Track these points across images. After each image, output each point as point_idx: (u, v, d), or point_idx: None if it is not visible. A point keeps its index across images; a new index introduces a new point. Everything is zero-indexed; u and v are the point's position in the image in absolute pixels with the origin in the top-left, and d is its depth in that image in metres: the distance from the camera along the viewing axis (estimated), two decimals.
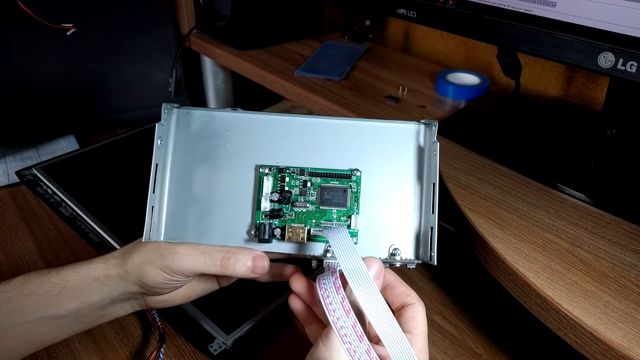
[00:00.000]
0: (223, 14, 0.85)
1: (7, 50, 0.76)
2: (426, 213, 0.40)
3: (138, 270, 0.39)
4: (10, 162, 0.75)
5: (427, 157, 0.40)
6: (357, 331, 0.31)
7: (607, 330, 0.34)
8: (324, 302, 0.33)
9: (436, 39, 0.89)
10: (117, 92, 0.86)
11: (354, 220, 0.40)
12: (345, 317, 0.32)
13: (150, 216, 0.39)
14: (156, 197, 0.40)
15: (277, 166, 0.41)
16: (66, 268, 0.41)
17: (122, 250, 0.42)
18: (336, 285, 0.33)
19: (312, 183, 0.41)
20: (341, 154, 0.41)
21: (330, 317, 0.32)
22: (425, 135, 0.41)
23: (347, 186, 0.40)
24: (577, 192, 0.48)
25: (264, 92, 0.85)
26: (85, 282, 0.40)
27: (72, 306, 0.40)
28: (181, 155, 0.41)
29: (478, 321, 0.51)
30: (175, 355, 0.46)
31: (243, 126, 0.42)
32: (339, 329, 0.31)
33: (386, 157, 0.41)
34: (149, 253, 0.39)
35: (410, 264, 0.40)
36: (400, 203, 0.40)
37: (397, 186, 0.40)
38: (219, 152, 0.41)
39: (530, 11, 0.49)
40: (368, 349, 0.31)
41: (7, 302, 0.39)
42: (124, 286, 0.40)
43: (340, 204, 0.40)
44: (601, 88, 0.70)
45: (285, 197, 0.40)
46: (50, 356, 0.45)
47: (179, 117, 0.42)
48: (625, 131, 0.54)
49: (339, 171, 0.41)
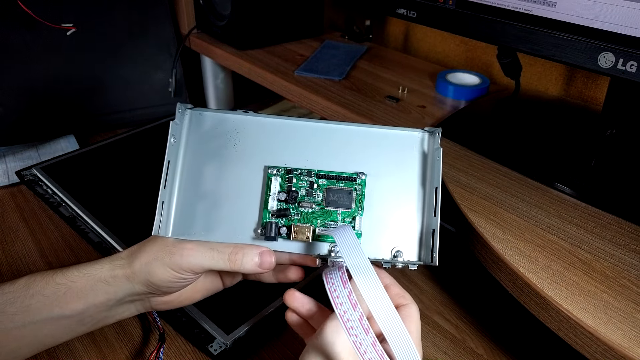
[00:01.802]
0: (223, 14, 0.85)
1: (7, 50, 0.76)
2: (428, 216, 0.40)
3: (146, 270, 0.39)
4: (10, 162, 0.75)
5: (431, 162, 0.42)
6: (364, 324, 0.32)
7: (607, 330, 0.34)
8: (331, 295, 0.33)
9: (436, 39, 0.89)
10: (117, 92, 0.86)
11: (358, 221, 0.41)
12: (352, 311, 0.32)
13: (160, 211, 0.40)
14: (167, 193, 0.40)
15: (285, 167, 0.42)
16: (71, 269, 0.41)
17: (128, 251, 0.42)
18: (343, 280, 0.34)
19: (318, 184, 0.42)
20: (347, 158, 0.42)
21: (337, 310, 0.33)
22: (429, 142, 0.42)
23: (352, 188, 0.41)
24: (577, 192, 0.48)
25: (264, 92, 0.85)
26: (91, 282, 0.40)
27: (78, 307, 0.40)
28: (192, 154, 0.42)
29: (478, 321, 0.51)
30: (175, 355, 0.46)
31: (253, 129, 0.43)
32: (345, 321, 0.32)
33: (391, 162, 0.42)
34: (156, 252, 0.40)
35: (412, 265, 0.40)
36: (403, 206, 0.41)
37: (401, 190, 0.41)
38: (229, 152, 0.42)
39: (530, 11, 0.49)
40: (374, 341, 0.32)
41: (12, 302, 0.39)
42: (131, 287, 0.40)
43: (345, 205, 0.41)
44: (601, 88, 0.70)
45: (292, 197, 0.41)
46: (51, 356, 0.45)
47: (192, 118, 0.43)
48: (625, 131, 0.54)
49: (344, 174, 0.42)
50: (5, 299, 0.39)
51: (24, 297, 0.39)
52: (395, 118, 0.64)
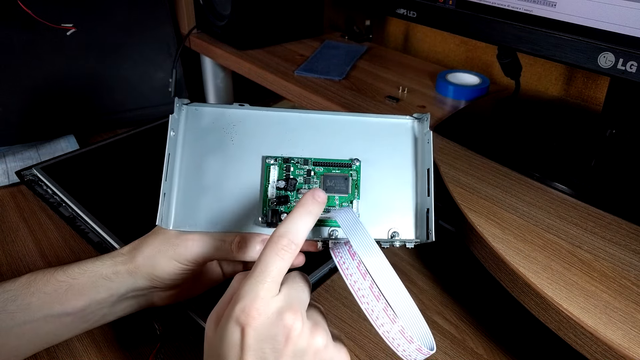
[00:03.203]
0: (223, 14, 0.85)
1: (7, 50, 0.76)
2: (422, 196, 0.42)
3: (149, 264, 0.40)
4: (10, 162, 0.75)
5: (421, 145, 0.43)
6: (374, 292, 0.33)
7: (607, 330, 0.34)
8: (341, 267, 0.35)
9: (436, 39, 0.89)
10: (117, 92, 0.86)
11: (355, 205, 0.42)
12: (362, 280, 0.33)
13: (162, 202, 0.40)
14: (167, 185, 0.41)
15: (283, 157, 0.43)
16: (72, 266, 0.41)
17: (129, 246, 0.42)
18: (351, 252, 0.35)
19: (315, 172, 0.43)
20: (341, 146, 0.44)
21: (347, 281, 0.34)
22: (419, 128, 0.44)
23: (347, 174, 0.43)
24: (577, 192, 0.48)
25: (264, 92, 0.85)
26: (93, 279, 0.40)
27: (79, 304, 0.40)
28: (190, 148, 0.43)
29: (478, 321, 0.51)
30: (175, 355, 0.46)
31: (249, 121, 0.44)
32: (356, 290, 0.33)
33: (383, 148, 0.44)
34: (159, 245, 0.40)
35: (409, 243, 0.42)
36: (397, 188, 0.43)
37: (394, 173, 0.43)
38: (226, 144, 0.43)
39: (530, 11, 0.49)
40: (385, 307, 0.33)
41: (13, 300, 0.39)
42: (133, 282, 0.40)
43: (342, 190, 0.42)
44: (601, 88, 0.70)
45: (291, 184, 0.42)
46: (51, 356, 0.45)
47: (188, 113, 0.44)
48: (625, 131, 0.54)
49: (340, 161, 0.43)
50: (6, 296, 0.39)
51: (25, 295, 0.39)
52: None
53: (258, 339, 0.30)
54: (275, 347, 0.30)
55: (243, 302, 0.31)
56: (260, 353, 0.30)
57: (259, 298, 0.31)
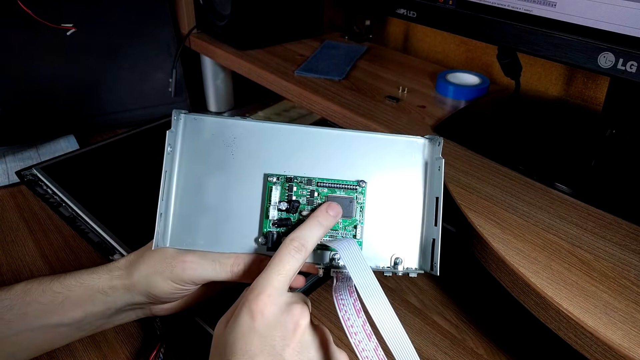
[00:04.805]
0: (223, 14, 0.85)
1: (7, 50, 0.76)
2: (428, 225, 0.41)
3: (145, 282, 0.39)
4: (10, 162, 0.75)
5: (430, 171, 0.41)
6: (379, 354, 0.33)
7: (607, 331, 0.34)
8: (345, 324, 0.34)
9: (436, 39, 0.89)
10: (117, 92, 0.86)
11: (359, 230, 0.41)
12: (367, 341, 0.33)
13: (159, 223, 0.39)
14: (164, 204, 0.40)
15: (285, 175, 0.41)
16: (69, 277, 0.40)
17: (126, 260, 0.41)
18: (356, 308, 0.34)
19: (319, 193, 0.41)
20: (348, 165, 0.42)
21: (352, 340, 0.33)
22: (430, 151, 0.42)
23: (353, 197, 0.41)
24: (577, 192, 0.48)
25: (264, 92, 0.84)
26: (89, 292, 0.40)
27: (76, 315, 0.39)
28: (188, 162, 0.41)
29: (478, 321, 0.51)
30: (175, 355, 0.46)
31: (251, 135, 0.42)
32: (360, 351, 0.33)
33: (392, 169, 0.42)
34: (156, 264, 0.39)
35: (412, 272, 0.41)
36: (404, 214, 0.41)
37: (402, 198, 0.42)
38: (226, 159, 0.41)
39: (530, 11, 0.49)
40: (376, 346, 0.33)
41: (9, 309, 0.38)
42: (130, 297, 0.40)
43: (347, 214, 0.41)
44: (601, 88, 0.70)
45: (293, 206, 0.41)
46: (50, 356, 0.45)
47: (186, 123, 0.42)
48: (625, 131, 0.54)
49: (345, 182, 0.41)
50: (2, 305, 0.39)
51: (21, 305, 0.39)
52: (395, 118, 0.64)
53: (268, 325, 0.31)
54: (284, 334, 0.32)
55: (257, 290, 0.32)
56: (269, 340, 0.31)
57: (272, 287, 0.33)
